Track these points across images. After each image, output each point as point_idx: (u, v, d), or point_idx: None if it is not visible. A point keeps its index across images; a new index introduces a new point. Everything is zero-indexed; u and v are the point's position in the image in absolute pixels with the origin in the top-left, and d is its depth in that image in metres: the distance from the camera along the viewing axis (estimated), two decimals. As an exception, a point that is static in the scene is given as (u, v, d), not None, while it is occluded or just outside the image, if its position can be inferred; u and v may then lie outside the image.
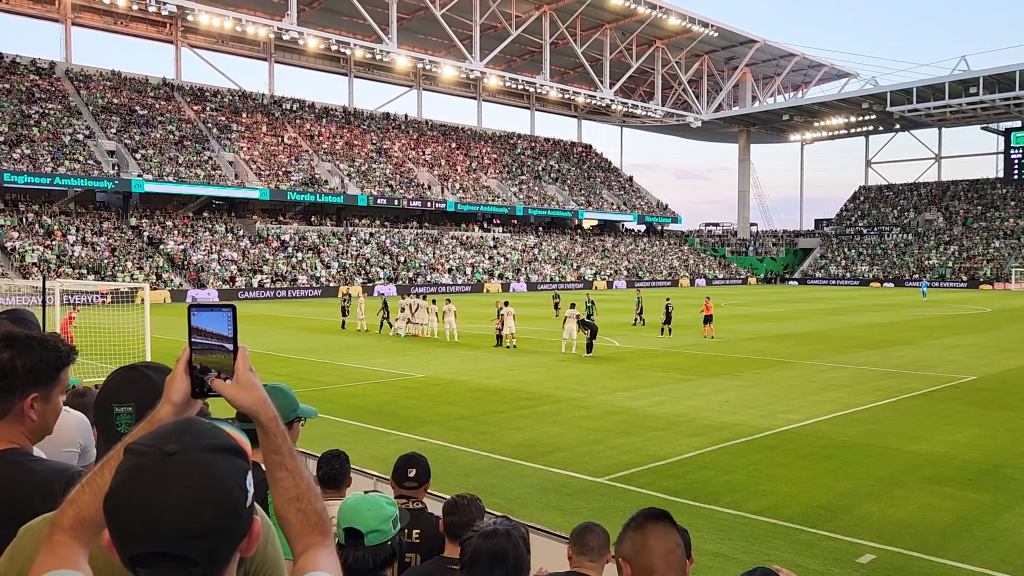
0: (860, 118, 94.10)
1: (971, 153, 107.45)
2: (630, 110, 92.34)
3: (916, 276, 79.58)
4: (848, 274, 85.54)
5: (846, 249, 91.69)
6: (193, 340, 1.48)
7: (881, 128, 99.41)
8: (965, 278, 77.03)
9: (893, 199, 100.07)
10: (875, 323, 34.93)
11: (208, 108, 68.19)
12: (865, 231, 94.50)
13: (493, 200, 77.18)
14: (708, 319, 28.25)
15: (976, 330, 32.21)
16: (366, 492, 2.84)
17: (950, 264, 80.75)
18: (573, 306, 25.55)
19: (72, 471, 2.01)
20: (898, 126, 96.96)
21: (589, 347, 23.46)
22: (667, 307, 29.59)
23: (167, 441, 1.22)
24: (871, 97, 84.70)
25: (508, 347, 25.08)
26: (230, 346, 1.48)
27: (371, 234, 66.24)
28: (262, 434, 1.48)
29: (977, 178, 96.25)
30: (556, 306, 30.70)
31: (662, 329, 29.22)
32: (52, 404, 2.06)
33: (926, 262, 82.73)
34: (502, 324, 25.61)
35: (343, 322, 31.67)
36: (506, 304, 25.82)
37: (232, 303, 1.53)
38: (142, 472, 1.19)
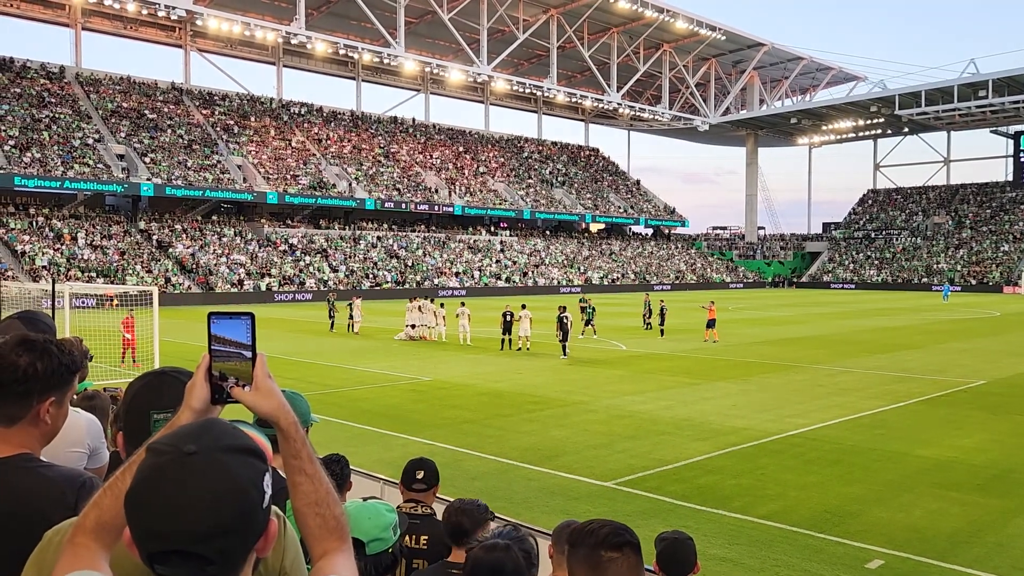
0: (868, 121, 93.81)
1: (980, 156, 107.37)
2: (637, 114, 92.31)
3: (925, 280, 79.40)
4: (856, 278, 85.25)
5: (854, 253, 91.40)
6: (213, 348, 1.51)
7: (889, 131, 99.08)
8: (974, 282, 76.72)
9: (901, 202, 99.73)
10: (883, 327, 34.79)
11: (217, 112, 68.47)
12: (873, 234, 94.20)
13: (500, 204, 77.23)
14: (711, 323, 28.19)
15: (985, 334, 32.06)
16: (364, 499, 2.83)
17: (959, 268, 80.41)
18: (593, 310, 28.80)
19: (83, 477, 2.02)
20: (907, 129, 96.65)
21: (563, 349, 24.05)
22: (662, 310, 29.97)
23: (186, 441, 1.25)
24: (879, 100, 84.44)
25: (520, 349, 25.35)
26: (249, 353, 1.51)
27: (378, 238, 66.36)
28: (281, 439, 1.51)
29: (986, 181, 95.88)
30: (583, 310, 31.17)
31: (661, 332, 29.84)
32: (64, 408, 2.08)
33: (935, 266, 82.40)
34: (508, 328, 25.89)
35: (332, 324, 32.23)
36: (523, 307, 26.04)
37: (251, 311, 1.55)
38: (161, 471, 1.23)
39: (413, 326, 28.72)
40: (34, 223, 50.11)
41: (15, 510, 1.87)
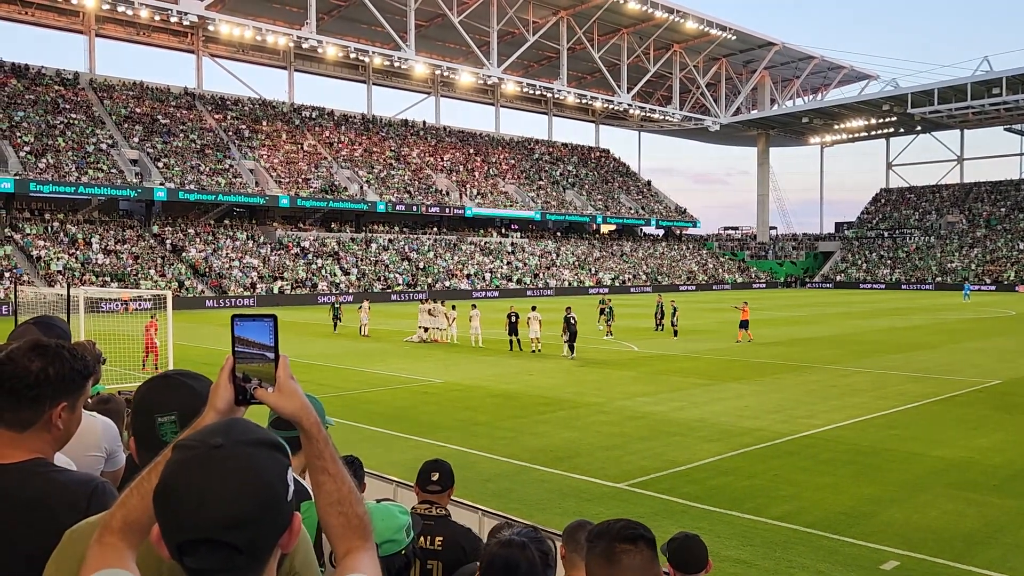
0: (881, 120, 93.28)
1: (994, 154, 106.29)
2: (648, 114, 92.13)
3: (939, 279, 78.89)
4: (869, 277, 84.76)
5: (867, 252, 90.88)
6: (236, 349, 1.54)
7: (902, 130, 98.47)
8: (989, 281, 76.11)
9: (915, 201, 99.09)
10: (897, 327, 34.58)
11: (229, 116, 68.84)
12: (886, 234, 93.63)
13: (511, 206, 77.28)
14: (744, 324, 28.39)
15: (1000, 333, 31.80)
16: (378, 500, 2.84)
17: (973, 267, 79.79)
18: (611, 311, 30.63)
19: (96, 482, 2.02)
20: (919, 128, 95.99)
21: (570, 348, 24.31)
22: (674, 311, 30.05)
23: (213, 436, 1.29)
24: (892, 99, 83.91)
25: (535, 351, 25.35)
26: (271, 355, 1.53)
27: (390, 240, 66.52)
28: (305, 440, 1.53)
29: (1000, 179, 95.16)
30: (601, 312, 31.18)
31: (674, 332, 29.79)
32: (76, 413, 2.08)
33: (948, 265, 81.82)
34: (513, 330, 26.04)
35: (335, 325, 32.97)
36: (533, 309, 26.13)
37: (274, 313, 1.57)
38: (189, 464, 1.26)
39: (425, 328, 28.80)
40: (49, 228, 50.53)
41: (28, 514, 1.88)
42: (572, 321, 24.10)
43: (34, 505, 1.90)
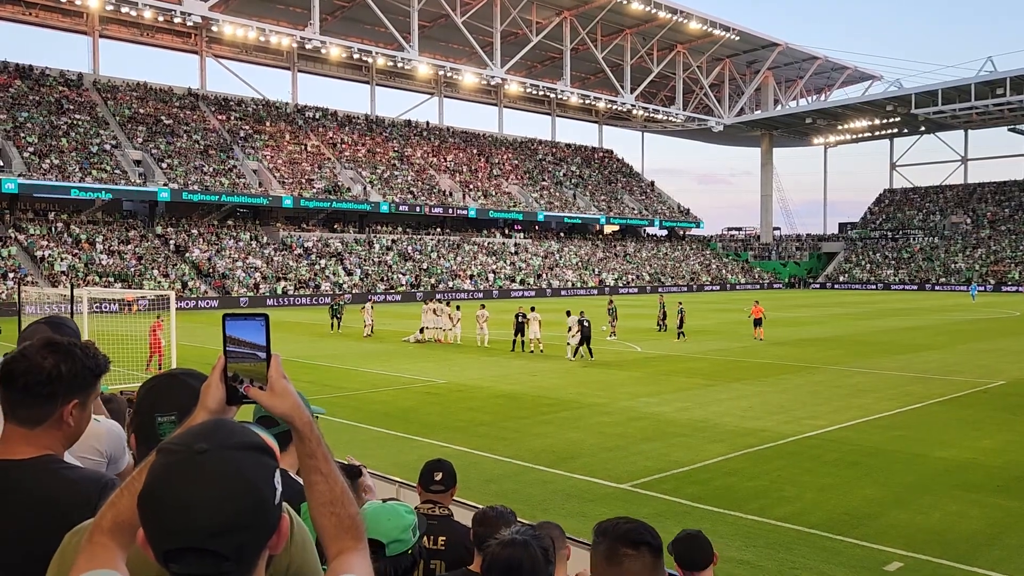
0: (884, 120, 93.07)
1: (998, 155, 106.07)
2: (651, 115, 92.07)
3: (943, 280, 78.76)
4: (873, 278, 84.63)
5: (871, 253, 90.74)
6: (228, 349, 1.52)
7: (906, 130, 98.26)
8: (993, 281, 75.96)
9: (918, 202, 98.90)
10: (901, 327, 34.52)
11: (232, 117, 68.93)
12: (890, 234, 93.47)
13: (514, 206, 77.29)
14: (758, 322, 28.80)
15: (1004, 334, 31.73)
16: (384, 500, 2.84)
17: (977, 268, 79.62)
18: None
19: (106, 479, 2.03)
20: (923, 128, 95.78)
21: (575, 351, 24.04)
22: (680, 311, 29.81)
23: (197, 440, 1.26)
24: (895, 99, 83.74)
25: (533, 351, 25.33)
26: (263, 354, 1.52)
27: (393, 241, 66.57)
28: (297, 439, 1.52)
29: (1004, 180, 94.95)
30: (609, 311, 31.04)
31: (678, 334, 29.46)
32: (87, 411, 2.09)
33: (952, 266, 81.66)
34: (520, 330, 26.00)
35: (334, 324, 33.40)
36: (532, 309, 26.08)
37: (265, 312, 1.57)
38: (173, 469, 1.23)
39: (423, 329, 28.79)
40: (53, 229, 50.63)
41: (38, 511, 1.89)
42: (586, 325, 24.00)
43: (45, 501, 1.90)
